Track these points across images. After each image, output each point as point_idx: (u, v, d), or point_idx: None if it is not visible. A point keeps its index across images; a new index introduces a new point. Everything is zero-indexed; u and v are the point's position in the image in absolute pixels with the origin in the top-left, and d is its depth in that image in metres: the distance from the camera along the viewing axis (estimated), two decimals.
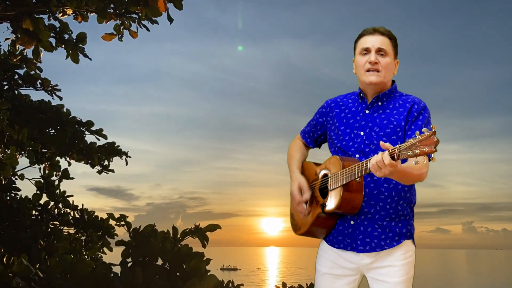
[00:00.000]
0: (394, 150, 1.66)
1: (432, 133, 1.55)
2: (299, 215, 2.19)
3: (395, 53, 2.08)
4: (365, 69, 2.04)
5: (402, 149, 1.63)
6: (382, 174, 1.72)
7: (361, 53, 2.06)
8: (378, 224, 1.97)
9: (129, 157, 5.36)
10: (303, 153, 2.31)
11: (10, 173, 4.06)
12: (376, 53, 2.03)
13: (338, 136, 2.10)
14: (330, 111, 2.19)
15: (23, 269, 2.61)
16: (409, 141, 1.60)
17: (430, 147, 1.54)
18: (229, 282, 3.64)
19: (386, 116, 2.03)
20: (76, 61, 4.09)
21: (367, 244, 1.98)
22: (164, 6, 3.75)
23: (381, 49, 2.03)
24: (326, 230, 2.09)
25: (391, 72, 2.06)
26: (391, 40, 2.06)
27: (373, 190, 1.98)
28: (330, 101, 2.22)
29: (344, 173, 1.91)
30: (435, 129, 1.55)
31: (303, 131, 2.34)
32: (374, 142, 2.00)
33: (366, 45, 2.05)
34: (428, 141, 1.54)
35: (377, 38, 2.04)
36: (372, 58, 2.02)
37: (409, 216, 2.04)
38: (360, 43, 2.09)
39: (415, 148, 1.57)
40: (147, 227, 3.40)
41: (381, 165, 1.69)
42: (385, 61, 2.03)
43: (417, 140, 1.57)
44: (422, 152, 1.55)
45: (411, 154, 1.58)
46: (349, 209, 1.95)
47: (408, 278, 1.97)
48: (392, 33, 2.07)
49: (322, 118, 2.23)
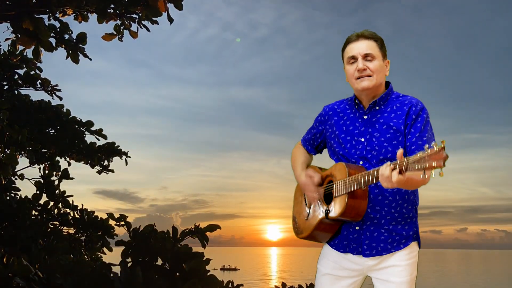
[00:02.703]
0: (402, 163, 1.65)
1: (441, 148, 1.54)
2: (302, 217, 2.18)
3: (384, 54, 2.05)
4: (355, 77, 2.02)
5: (410, 162, 1.62)
6: (390, 187, 1.72)
7: (348, 62, 2.04)
8: (385, 229, 1.97)
9: (129, 157, 5.36)
10: (307, 157, 2.30)
11: (10, 173, 4.06)
12: (363, 59, 2.00)
13: (340, 144, 2.09)
14: (328, 119, 2.18)
15: (23, 269, 2.61)
16: (418, 155, 1.59)
17: (439, 161, 1.53)
18: (229, 282, 3.64)
19: (384, 120, 2.01)
20: (76, 61, 4.09)
21: (374, 249, 1.97)
22: (164, 6, 3.75)
23: (367, 54, 2.00)
24: (329, 235, 2.08)
25: (382, 73, 2.04)
26: (377, 42, 2.03)
27: (377, 195, 1.97)
28: (328, 108, 2.21)
29: (350, 181, 1.91)
30: (444, 145, 1.54)
31: (303, 139, 2.33)
32: (376, 148, 1.99)
33: (351, 53, 2.02)
34: (437, 156, 1.53)
35: (362, 43, 2.01)
36: (360, 66, 1.99)
37: (415, 218, 2.04)
38: (346, 52, 2.06)
39: (424, 162, 1.56)
40: (147, 227, 3.40)
41: (388, 181, 1.70)
42: (373, 65, 2.00)
43: (426, 154, 1.56)
44: (431, 166, 1.54)
45: (419, 168, 1.58)
46: (353, 216, 1.95)
47: (411, 278, 1.97)
48: (376, 35, 2.04)
49: (321, 126, 2.22)
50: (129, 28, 4.00)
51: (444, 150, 1.54)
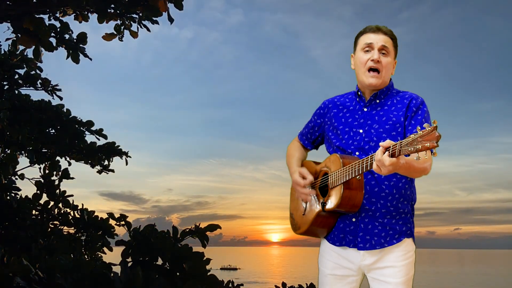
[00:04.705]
0: (395, 147, 1.65)
1: (433, 128, 1.54)
2: (299, 213, 2.18)
3: (395, 53, 2.08)
4: (366, 68, 2.03)
5: (403, 144, 1.62)
6: (386, 172, 1.71)
7: (363, 49, 2.05)
8: (379, 222, 1.97)
9: (129, 157, 5.36)
10: (302, 153, 2.30)
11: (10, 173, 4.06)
12: (379, 51, 2.02)
13: (337, 135, 2.09)
14: (327, 112, 2.18)
15: (23, 268, 2.60)
16: (411, 137, 1.59)
17: (431, 142, 1.53)
18: (229, 282, 3.64)
19: (384, 113, 2.02)
20: (76, 61, 4.09)
21: (367, 242, 1.97)
22: (165, 6, 3.76)
23: (384, 47, 2.02)
24: (326, 229, 2.08)
25: (390, 72, 2.06)
26: (393, 40, 2.06)
27: (374, 187, 1.97)
28: (327, 101, 2.21)
29: (344, 171, 1.90)
30: (436, 124, 1.54)
31: (300, 133, 2.33)
32: (374, 139, 1.99)
33: (369, 40, 2.03)
34: (430, 136, 1.53)
35: (380, 36, 2.03)
36: (375, 56, 2.00)
37: (410, 214, 2.04)
38: (362, 39, 2.07)
39: (417, 143, 1.56)
40: (147, 227, 3.39)
41: (381, 165, 1.69)
42: (386, 60, 2.02)
43: (418, 136, 1.56)
44: (424, 147, 1.54)
45: (413, 150, 1.57)
46: (349, 207, 1.95)
47: (408, 278, 1.97)
48: (393, 33, 2.06)
49: (320, 119, 2.22)
50: (130, 28, 4.00)
51: (436, 129, 1.54)
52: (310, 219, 2.08)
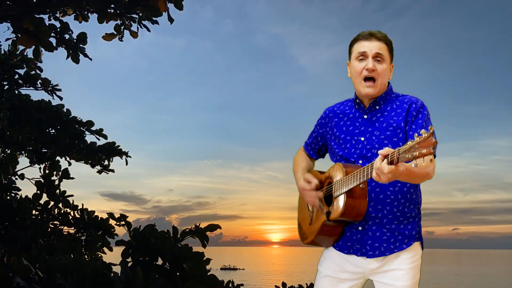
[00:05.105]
0: (393, 154, 1.63)
1: (430, 134, 1.52)
2: (306, 222, 2.16)
3: (391, 58, 2.04)
4: (362, 77, 2.00)
5: (401, 152, 1.60)
6: (385, 180, 1.68)
7: (357, 58, 2.01)
8: (387, 228, 1.95)
9: (129, 157, 5.36)
10: (308, 162, 2.28)
11: (10, 173, 4.06)
12: (373, 59, 1.98)
13: (339, 144, 2.07)
14: (329, 121, 2.17)
15: (23, 268, 2.60)
16: (408, 144, 1.57)
17: (428, 148, 1.51)
18: (229, 282, 3.64)
19: (385, 119, 2.00)
20: (76, 61, 4.09)
21: (377, 249, 1.95)
22: (165, 6, 3.76)
23: (378, 54, 1.98)
24: (333, 239, 2.06)
25: (386, 78, 2.03)
26: (388, 45, 2.02)
27: (379, 194, 1.95)
28: (328, 110, 2.19)
29: (347, 179, 1.89)
30: (432, 130, 1.52)
31: (305, 143, 2.32)
32: (376, 146, 1.97)
33: (362, 49, 1.99)
34: (426, 142, 1.52)
35: (374, 43, 1.99)
36: (369, 65, 1.97)
37: (418, 218, 2.02)
38: (355, 48, 2.03)
39: (414, 150, 1.54)
40: (147, 227, 3.39)
41: (380, 173, 1.67)
42: (381, 67, 1.99)
43: (415, 142, 1.55)
44: (421, 154, 1.52)
45: (411, 157, 1.55)
46: (353, 216, 1.92)
47: (414, 282, 1.95)
48: (388, 37, 2.03)
49: (322, 129, 2.21)
50: (129, 28, 4.00)
51: (433, 136, 1.52)
52: (316, 229, 2.06)
